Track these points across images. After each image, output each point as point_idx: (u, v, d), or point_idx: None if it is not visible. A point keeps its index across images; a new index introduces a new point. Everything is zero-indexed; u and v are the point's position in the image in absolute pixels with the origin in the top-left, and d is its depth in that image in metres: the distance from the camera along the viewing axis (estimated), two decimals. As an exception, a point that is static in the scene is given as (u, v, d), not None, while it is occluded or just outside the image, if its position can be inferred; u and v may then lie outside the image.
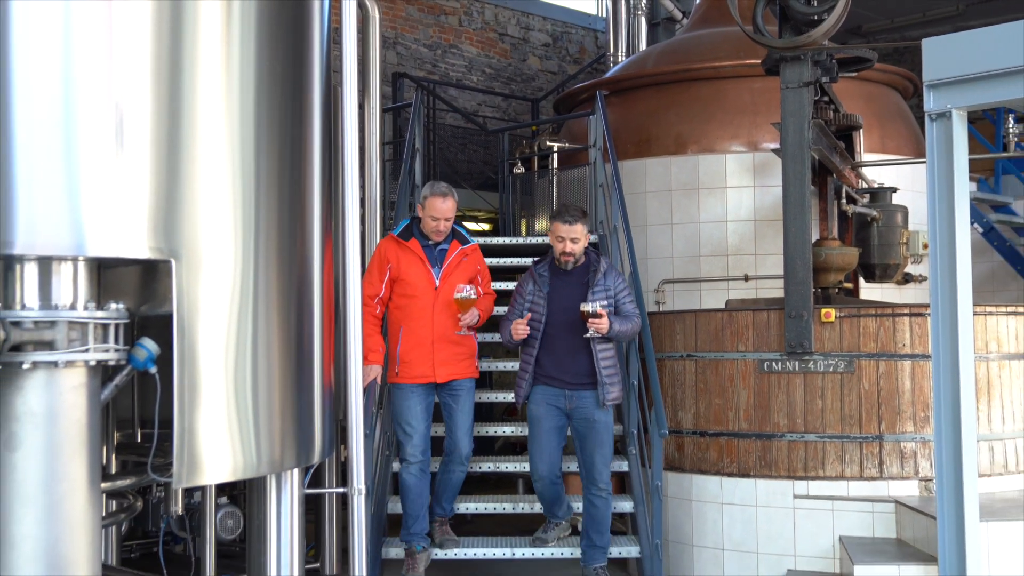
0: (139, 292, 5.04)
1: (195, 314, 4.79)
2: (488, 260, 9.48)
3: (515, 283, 9.23)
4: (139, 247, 4.59)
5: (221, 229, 4.94)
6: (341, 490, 4.91)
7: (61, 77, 4.44)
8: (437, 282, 6.70)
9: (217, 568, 7.18)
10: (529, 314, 6.68)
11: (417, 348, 6.67)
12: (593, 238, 9.27)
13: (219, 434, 4.96)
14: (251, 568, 5.87)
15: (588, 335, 6.55)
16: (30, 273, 4.51)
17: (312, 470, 7.31)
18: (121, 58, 4.59)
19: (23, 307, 4.47)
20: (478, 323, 6.83)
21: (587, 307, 6.47)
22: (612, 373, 6.71)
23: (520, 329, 6.61)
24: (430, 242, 6.78)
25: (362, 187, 7.09)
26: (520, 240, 10.28)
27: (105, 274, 4.87)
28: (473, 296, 6.59)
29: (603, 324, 6.45)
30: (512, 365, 8.44)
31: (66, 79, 4.45)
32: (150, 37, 4.69)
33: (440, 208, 6.65)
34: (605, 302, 6.61)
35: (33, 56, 4.40)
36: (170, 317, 4.70)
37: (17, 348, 4.40)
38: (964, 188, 6.78)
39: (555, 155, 11.33)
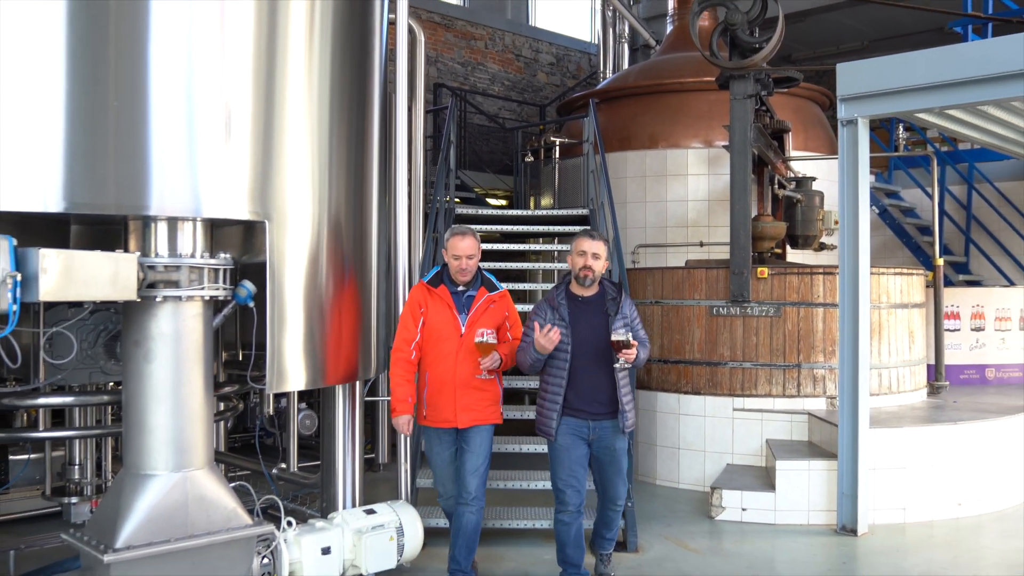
0: (241, 245, 5.10)
1: (283, 262, 4.86)
2: (502, 227, 9.54)
3: (526, 245, 9.29)
4: (241, 211, 4.66)
5: (302, 198, 5.00)
6: (391, 398, 4.97)
7: (185, 86, 4.51)
8: (463, 329, 5.25)
9: (298, 456, 7.25)
10: (557, 329, 5.09)
11: (441, 392, 5.27)
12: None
13: (300, 354, 5.04)
14: (323, 456, 5.96)
15: (618, 365, 5.10)
16: (162, 230, 4.58)
17: (369, 383, 7.40)
18: (230, 70, 4.65)
19: (156, 255, 4.55)
20: (502, 366, 5.33)
21: (620, 337, 4.98)
22: (630, 400, 5.32)
23: (554, 336, 5.04)
24: (459, 289, 5.34)
25: (409, 169, 7.06)
26: (528, 212, 10.32)
27: (216, 231, 4.94)
28: (493, 341, 5.18)
29: (633, 354, 5.04)
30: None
31: (188, 87, 4.51)
32: (251, 54, 4.75)
33: (460, 246, 5.25)
34: (624, 330, 5.11)
35: (165, 70, 4.44)
36: (264, 264, 4.77)
37: (152, 286, 4.47)
38: (865, 179, 6.86)
39: (557, 148, 11.33)
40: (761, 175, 8.78)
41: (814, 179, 9.55)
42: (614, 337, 4.99)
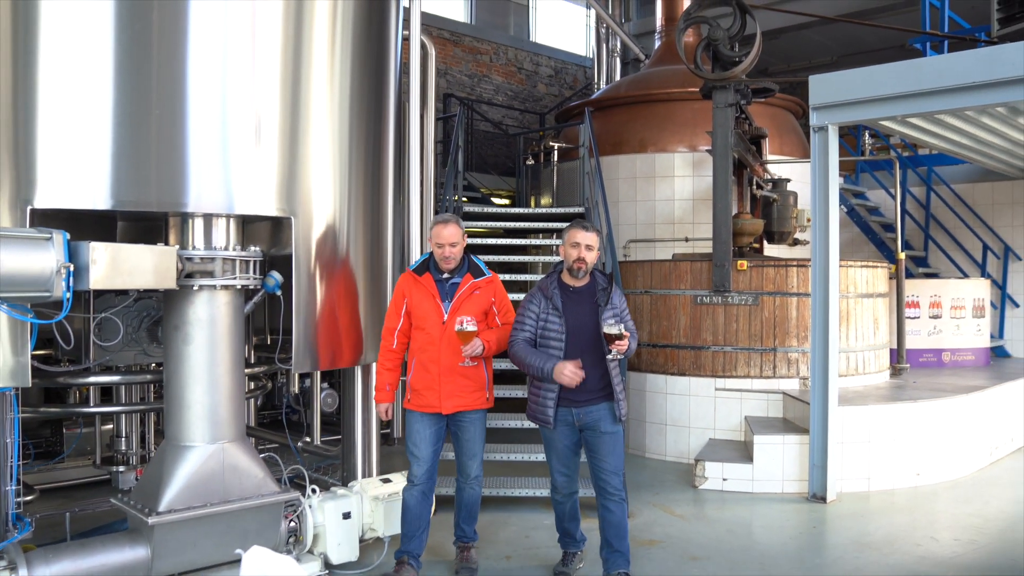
0: (269, 239, 5.12)
1: (307, 255, 4.88)
2: (506, 224, 9.55)
3: (525, 239, 9.29)
4: (270, 208, 4.68)
5: (325, 196, 5.02)
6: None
7: (219, 96, 4.53)
8: (445, 316, 4.81)
9: (321, 431, 7.28)
10: (578, 361, 4.57)
11: (425, 379, 4.85)
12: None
13: (321, 338, 5.05)
14: (344, 430, 5.98)
15: (610, 357, 4.60)
16: (198, 225, 4.60)
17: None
18: (260, 82, 4.67)
19: (193, 248, 4.58)
20: (487, 353, 4.85)
21: (612, 329, 4.51)
22: (623, 388, 4.84)
23: (574, 376, 4.54)
24: (443, 276, 4.88)
25: (421, 171, 7.07)
26: (529, 210, 10.32)
27: (247, 226, 4.95)
28: (472, 328, 4.66)
29: (625, 345, 4.57)
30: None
31: (223, 97, 4.54)
32: (279, 67, 4.76)
33: (443, 234, 4.80)
34: (614, 320, 4.64)
35: (201, 81, 4.46)
36: (290, 257, 4.79)
37: (190, 276, 4.50)
38: (835, 180, 6.87)
39: (555, 152, 11.32)
40: (741, 177, 8.77)
41: (789, 180, 9.55)
42: (606, 330, 4.53)
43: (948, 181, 11.90)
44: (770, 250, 9.71)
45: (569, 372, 4.54)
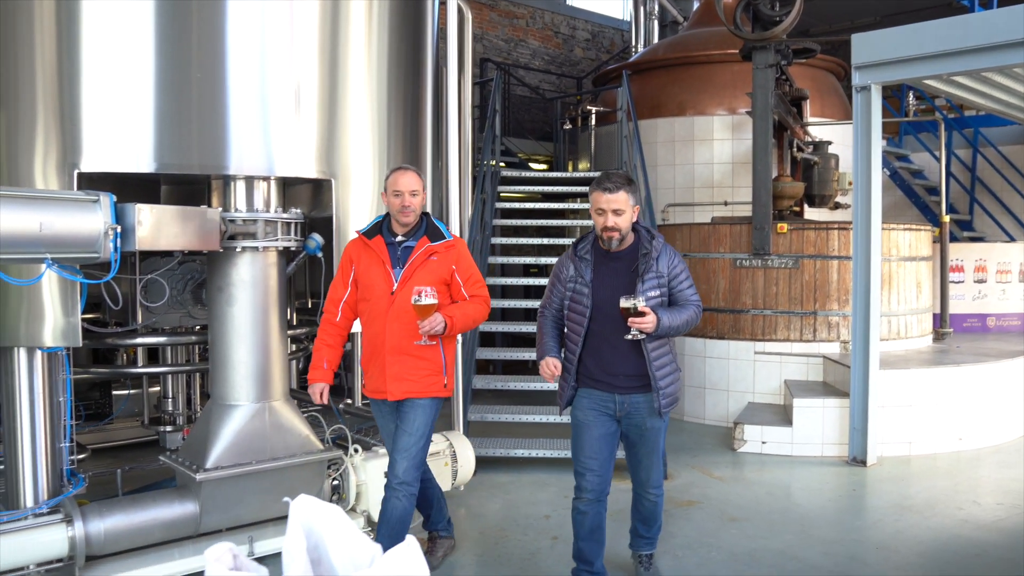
0: (310, 201, 5.16)
1: (346, 217, 4.91)
2: (543, 188, 9.50)
3: (562, 204, 9.26)
4: (310, 170, 4.71)
5: (364, 159, 5.04)
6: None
7: (259, 59, 4.56)
8: (395, 285, 4.06)
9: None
10: (556, 361, 3.94)
11: (372, 359, 4.15)
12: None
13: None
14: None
15: (630, 336, 3.83)
16: (240, 188, 4.66)
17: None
18: (298, 50, 4.69)
19: (236, 210, 4.63)
20: (449, 331, 4.05)
21: (627, 303, 3.77)
22: (668, 374, 3.98)
23: (548, 372, 3.93)
24: (396, 239, 4.14)
25: (459, 135, 7.01)
26: (567, 174, 10.28)
27: (288, 189, 5.01)
28: (431, 301, 3.90)
29: (647, 323, 3.76)
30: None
31: (262, 61, 4.57)
32: (317, 36, 4.78)
33: (401, 181, 4.06)
34: (656, 292, 3.87)
35: (241, 46, 4.49)
36: (330, 219, 4.83)
37: (232, 237, 4.55)
38: (877, 141, 6.75)
39: (593, 116, 11.24)
40: (781, 139, 8.66)
41: (830, 143, 9.41)
42: (622, 303, 3.77)
43: (995, 143, 11.65)
44: (810, 214, 9.61)
45: (544, 368, 3.94)
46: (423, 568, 1.99)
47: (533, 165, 12.67)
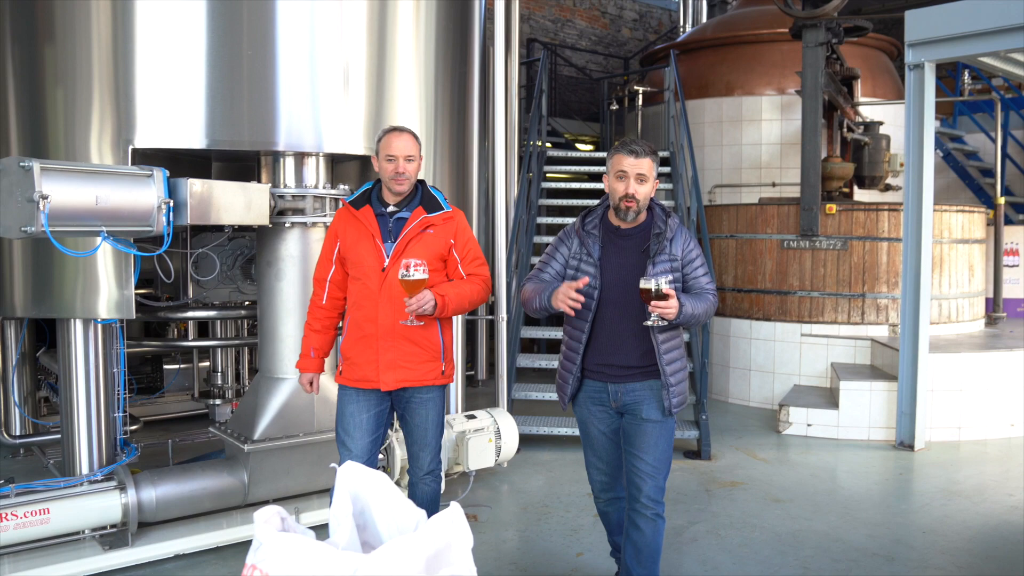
0: (358, 178, 5.21)
1: (395, 193, 4.92)
2: (590, 168, 9.44)
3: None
4: (358, 147, 4.76)
5: (412, 137, 5.04)
6: (490, 317, 4.95)
7: (309, 36, 4.59)
8: (386, 260, 3.60)
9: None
10: (585, 278, 3.35)
11: (361, 344, 3.65)
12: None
13: (410, 275, 5.12)
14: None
15: (649, 323, 3.30)
16: (289, 164, 4.71)
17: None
18: (347, 28, 4.73)
19: (285, 186, 4.69)
20: (440, 311, 3.55)
21: (648, 283, 3.21)
22: (678, 369, 3.50)
23: (569, 300, 3.27)
24: (387, 209, 3.66)
25: (505, 115, 7.00)
26: (614, 156, 10.21)
27: (336, 166, 5.05)
28: (421, 276, 3.41)
29: (670, 308, 3.22)
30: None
31: (312, 43, 4.62)
32: (366, 15, 4.83)
33: (395, 144, 3.58)
34: (668, 277, 3.26)
35: (291, 30, 4.54)
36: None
37: (281, 213, 4.61)
38: (931, 123, 6.63)
39: (640, 96, 11.16)
40: (831, 119, 8.54)
41: (881, 123, 9.25)
42: (643, 284, 3.23)
43: (1054, 123, 11.37)
44: (860, 195, 9.46)
45: (563, 294, 3.30)
46: (467, 534, 2.01)
47: (579, 146, 12.62)
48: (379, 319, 3.62)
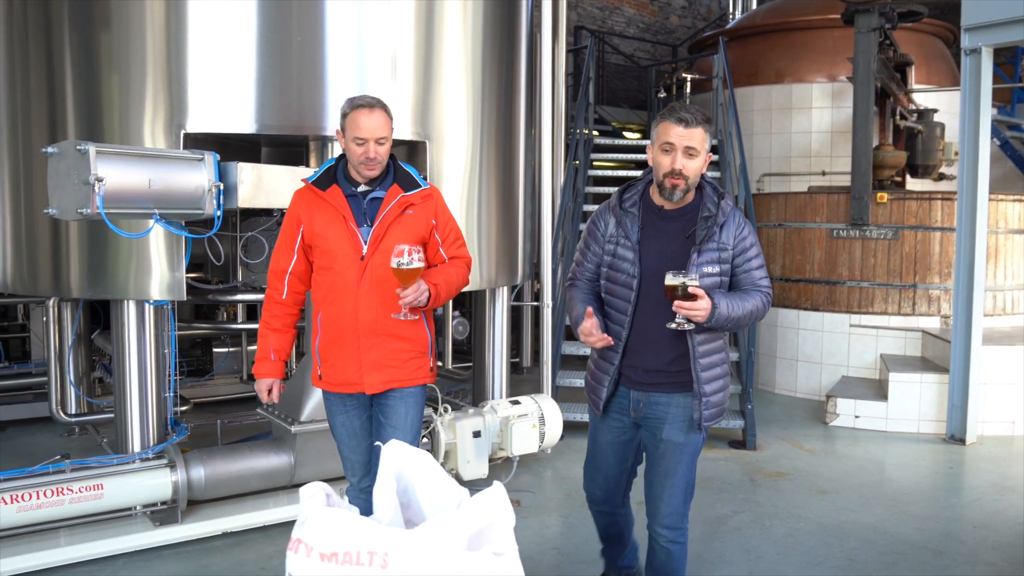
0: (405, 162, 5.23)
1: (440, 177, 4.98)
2: (637, 156, 9.39)
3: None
4: (405, 132, 4.79)
5: (457, 123, 5.09)
6: (535, 304, 4.94)
7: (357, 28, 4.65)
8: (364, 247, 3.15)
9: (453, 358, 7.47)
10: (608, 339, 3.01)
11: (340, 343, 3.22)
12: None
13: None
14: (475, 354, 6.12)
15: (673, 325, 2.87)
16: (337, 149, 4.76)
17: (516, 290, 7.53)
18: (395, 14, 4.74)
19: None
20: (432, 303, 3.16)
21: (674, 280, 2.80)
22: (717, 377, 3.04)
23: (594, 332, 2.97)
24: (358, 189, 3.21)
25: (552, 103, 6.98)
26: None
27: (384, 151, 5.06)
28: (419, 264, 3.01)
29: (699, 311, 2.80)
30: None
31: (360, 29, 4.66)
32: (413, 6, 4.82)
33: (364, 124, 3.09)
34: (715, 268, 2.94)
35: (340, 16, 4.57)
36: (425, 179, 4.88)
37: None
38: (987, 110, 6.49)
39: (688, 84, 11.06)
40: (883, 106, 8.39)
41: (935, 111, 9.08)
42: (668, 280, 2.80)
43: (1117, 112, 11.05)
44: (912, 184, 9.29)
45: (587, 330, 2.97)
46: (509, 513, 2.03)
47: (627, 134, 12.55)
48: (359, 314, 3.17)
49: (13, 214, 4.78)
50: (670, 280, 2.80)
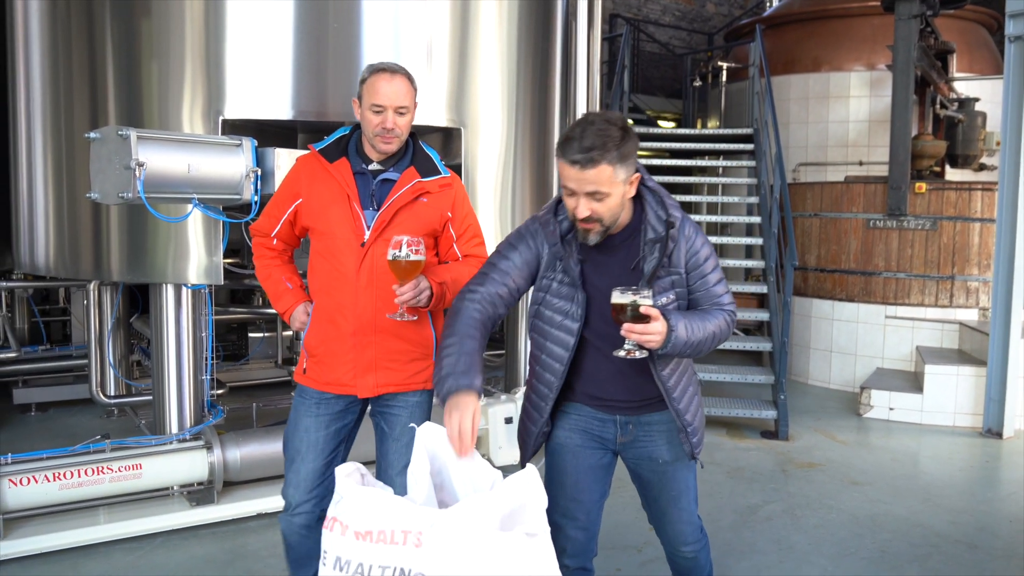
0: (440, 150, 5.25)
1: (475, 164, 5.00)
2: (671, 144, 9.35)
3: (693, 161, 9.08)
4: (440, 119, 4.81)
5: (493, 110, 5.10)
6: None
7: (393, 15, 4.66)
8: (367, 233, 2.78)
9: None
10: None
11: (334, 338, 2.85)
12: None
13: (490, 240, 5.18)
14: (507, 341, 6.15)
15: (622, 352, 2.37)
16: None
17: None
18: (431, 6, 4.76)
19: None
20: (435, 304, 2.76)
21: (621, 297, 2.29)
22: (692, 402, 2.61)
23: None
24: (370, 166, 2.83)
25: (587, 91, 6.97)
26: (695, 131, 10.10)
27: (421, 137, 5.09)
28: (418, 258, 2.63)
29: (652, 335, 2.30)
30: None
31: (396, 16, 4.67)
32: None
33: (384, 91, 2.71)
34: (671, 294, 2.47)
35: (375, 9, 4.58)
36: (459, 166, 4.92)
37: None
38: (1032, 96, 6.37)
39: (724, 72, 10.99)
40: (923, 95, 8.29)
41: (977, 100, 8.95)
42: (615, 297, 2.31)
43: None
44: (952, 175, 9.17)
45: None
46: (542, 494, 2.05)
47: (661, 123, 12.50)
48: (357, 309, 2.82)
49: (56, 199, 4.88)
50: (617, 298, 2.31)
